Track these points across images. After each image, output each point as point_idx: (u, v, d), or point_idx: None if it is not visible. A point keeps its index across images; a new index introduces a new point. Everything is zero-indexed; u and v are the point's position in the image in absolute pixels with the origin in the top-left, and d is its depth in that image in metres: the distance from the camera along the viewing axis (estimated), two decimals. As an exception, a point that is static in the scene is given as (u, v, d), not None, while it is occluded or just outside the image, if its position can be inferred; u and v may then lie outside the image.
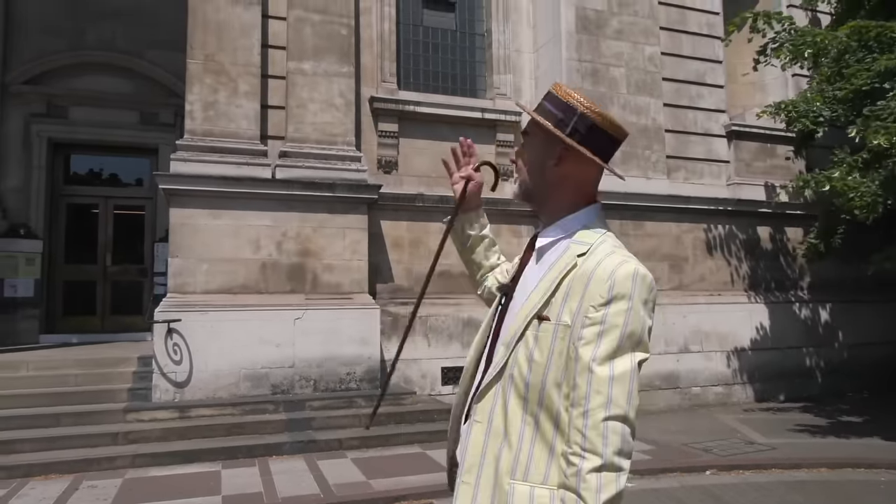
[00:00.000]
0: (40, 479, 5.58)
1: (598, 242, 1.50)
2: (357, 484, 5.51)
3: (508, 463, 1.41)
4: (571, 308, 1.41)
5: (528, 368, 1.43)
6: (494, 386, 1.48)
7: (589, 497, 1.28)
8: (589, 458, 1.30)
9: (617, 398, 1.32)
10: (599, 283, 1.39)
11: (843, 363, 10.37)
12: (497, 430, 1.45)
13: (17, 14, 10.72)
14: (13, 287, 10.25)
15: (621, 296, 1.36)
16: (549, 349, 1.41)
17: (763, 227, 10.26)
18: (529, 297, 1.50)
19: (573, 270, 1.45)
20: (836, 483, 5.82)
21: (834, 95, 7.32)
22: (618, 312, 1.36)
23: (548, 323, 1.43)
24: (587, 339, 1.36)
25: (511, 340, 1.47)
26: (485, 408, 1.48)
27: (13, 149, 10.48)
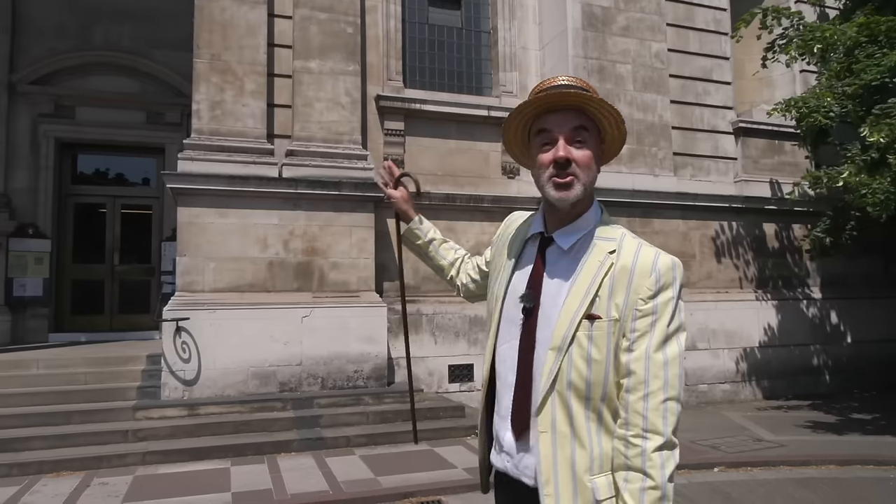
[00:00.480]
0: (52, 477, 5.62)
1: (622, 236, 1.56)
2: (366, 481, 5.52)
3: (585, 462, 1.46)
4: (618, 303, 1.47)
5: (588, 367, 1.47)
6: (552, 394, 1.49)
7: (655, 474, 1.38)
8: (652, 438, 1.40)
9: (671, 380, 1.43)
10: (644, 276, 1.47)
11: (851, 360, 10.33)
12: (564, 435, 1.48)
13: (24, 15, 10.77)
14: (22, 286, 10.32)
15: (666, 286, 1.47)
16: (607, 346, 1.47)
17: (771, 224, 10.23)
18: (569, 300, 1.51)
19: (611, 267, 1.50)
20: (844, 480, 5.80)
21: (843, 91, 7.28)
22: (666, 302, 1.46)
23: (601, 321, 1.47)
24: (641, 330, 1.45)
25: (562, 345, 1.48)
26: (546, 417, 1.49)
27: (21, 149, 10.54)
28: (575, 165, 1.53)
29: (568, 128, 1.54)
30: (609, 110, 1.55)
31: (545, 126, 1.57)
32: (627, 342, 1.45)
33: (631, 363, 1.44)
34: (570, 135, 1.54)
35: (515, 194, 9.28)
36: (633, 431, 1.41)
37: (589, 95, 1.53)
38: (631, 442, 1.41)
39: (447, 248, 2.12)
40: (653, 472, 1.38)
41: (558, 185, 1.54)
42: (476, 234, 9.09)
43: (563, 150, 1.53)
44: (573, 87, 1.56)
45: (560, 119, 1.55)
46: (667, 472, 1.39)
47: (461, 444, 6.71)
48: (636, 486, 1.39)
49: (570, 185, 1.53)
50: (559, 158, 1.52)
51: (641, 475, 1.39)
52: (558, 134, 1.54)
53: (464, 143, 9.31)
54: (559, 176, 1.53)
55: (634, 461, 1.40)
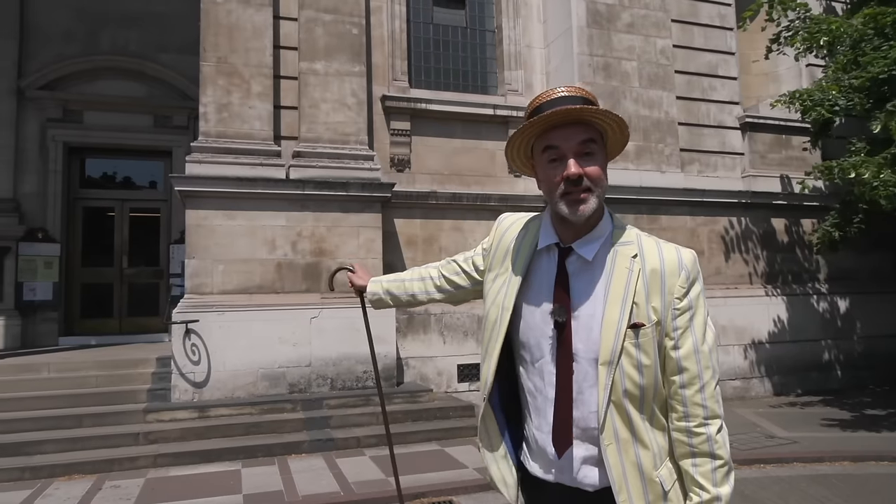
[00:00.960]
0: (64, 480, 5.64)
1: (637, 237, 1.60)
2: (376, 482, 5.52)
3: (650, 460, 1.53)
4: (655, 306, 1.52)
5: (640, 374, 1.51)
6: (609, 406, 1.51)
7: (723, 453, 1.51)
8: (713, 423, 1.51)
9: (715, 365, 1.55)
10: (673, 275, 1.53)
11: (863, 355, 10.27)
12: (626, 441, 1.52)
13: (32, 21, 10.83)
14: (32, 290, 10.37)
15: (695, 279, 1.55)
16: (654, 349, 1.52)
17: (779, 219, 10.17)
18: (608, 311, 1.52)
19: (640, 272, 1.54)
20: (859, 476, 5.76)
21: (850, 84, 7.23)
22: (697, 294, 1.55)
23: (644, 328, 1.51)
24: (683, 327, 1.52)
25: (612, 358, 1.50)
26: (609, 430, 1.52)
27: (30, 154, 10.61)
28: (587, 180, 1.51)
29: (575, 142, 1.51)
30: (614, 119, 1.53)
31: (551, 142, 1.54)
32: (672, 340, 1.52)
33: (682, 360, 1.51)
34: (579, 149, 1.52)
35: (522, 192, 9.26)
36: (695, 422, 1.51)
37: (594, 109, 1.50)
38: (694, 431, 1.51)
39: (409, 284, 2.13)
40: (720, 452, 1.50)
41: (572, 201, 1.51)
42: (483, 232, 9.06)
43: (574, 167, 1.50)
44: (575, 99, 1.54)
45: (566, 134, 1.52)
46: (728, 447, 1.53)
47: (471, 444, 6.70)
48: (707, 468, 1.50)
49: (585, 200, 1.51)
50: (572, 176, 1.50)
51: (710, 458, 1.50)
52: (566, 150, 1.52)
53: (470, 142, 9.30)
54: (573, 193, 1.51)
55: (702, 447, 1.50)
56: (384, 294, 2.17)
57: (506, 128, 9.44)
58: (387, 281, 2.18)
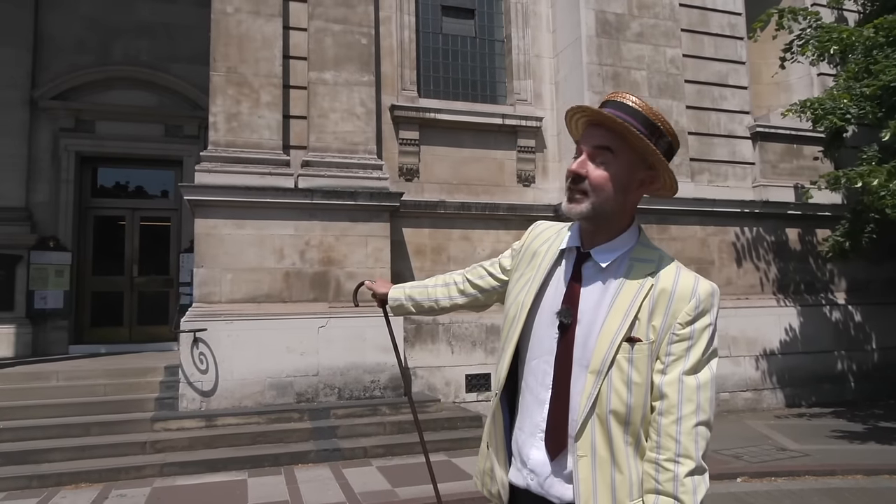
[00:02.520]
0: (70, 489, 5.64)
1: (660, 258, 1.55)
2: (383, 492, 5.49)
3: (626, 488, 1.44)
4: (655, 325, 1.46)
5: (629, 391, 1.45)
6: (591, 418, 1.47)
7: (687, 499, 1.37)
8: (684, 463, 1.39)
9: (704, 405, 1.44)
10: (682, 301, 1.46)
11: (877, 367, 10.14)
12: (603, 459, 1.46)
13: (45, 32, 10.95)
14: (43, 298, 10.43)
15: (705, 311, 1.47)
16: (647, 368, 1.46)
17: (791, 229, 10.09)
18: (608, 320, 1.49)
19: (651, 289, 1.49)
20: (872, 490, 5.67)
21: (861, 92, 7.18)
22: (703, 328, 1.46)
23: (641, 344, 1.46)
24: (677, 355, 1.45)
25: (602, 368, 1.47)
26: (585, 441, 1.47)
27: (42, 163, 10.69)
28: (587, 183, 1.52)
29: (591, 144, 1.54)
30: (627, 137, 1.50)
31: (581, 136, 1.60)
32: (662, 365, 1.46)
33: (664, 386, 1.44)
34: (593, 152, 1.53)
35: (531, 202, 9.25)
36: (664, 455, 1.41)
37: (613, 119, 1.49)
38: (663, 466, 1.40)
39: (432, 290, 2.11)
40: (685, 498, 1.37)
41: (568, 197, 1.56)
42: (492, 242, 9.06)
43: (577, 165, 1.54)
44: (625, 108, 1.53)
45: (589, 133, 1.57)
46: (698, 497, 1.38)
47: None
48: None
49: (578, 201, 1.53)
50: (570, 172, 1.54)
51: (673, 500, 1.38)
52: (584, 148, 1.56)
53: (479, 152, 9.30)
54: (572, 190, 1.55)
55: (666, 486, 1.39)
56: (406, 300, 2.16)
57: (514, 137, 9.43)
58: (409, 287, 2.18)
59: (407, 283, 2.21)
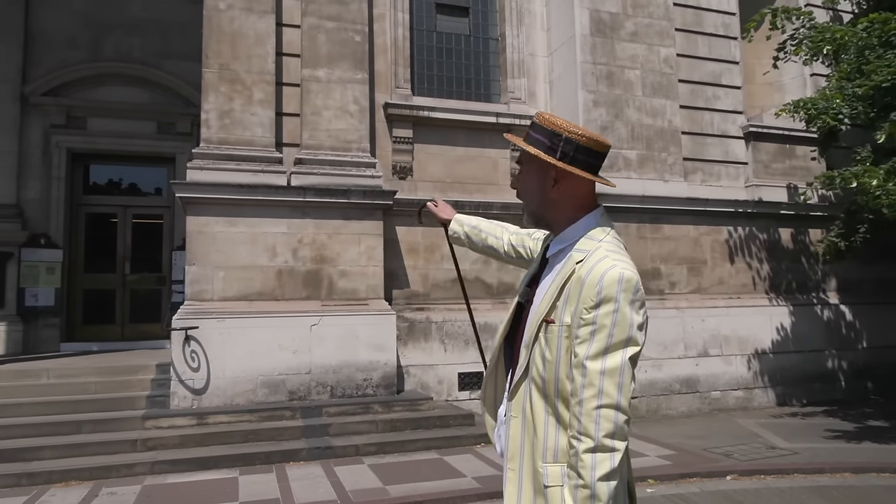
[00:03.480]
0: (60, 486, 5.62)
1: (594, 249, 1.66)
2: (374, 490, 5.48)
3: (539, 449, 1.64)
4: (571, 310, 1.61)
5: (543, 366, 1.64)
6: (522, 384, 1.69)
7: (584, 473, 1.50)
8: (584, 441, 1.51)
9: (608, 389, 1.51)
10: (590, 287, 1.57)
11: (867, 366, 10.19)
12: (528, 421, 1.68)
13: (36, 27, 10.89)
14: (34, 296, 10.38)
15: (608, 299, 1.54)
16: (557, 347, 1.62)
17: (783, 228, 10.13)
18: (540, 303, 1.70)
19: (572, 276, 1.64)
20: (859, 488, 5.70)
21: (854, 93, 7.20)
22: (606, 314, 1.54)
23: (553, 325, 1.63)
24: (582, 338, 1.56)
25: (529, 342, 1.68)
26: (518, 403, 1.71)
27: (33, 160, 10.64)
28: (518, 193, 1.86)
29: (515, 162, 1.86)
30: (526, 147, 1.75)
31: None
32: (573, 348, 1.59)
33: (573, 369, 1.57)
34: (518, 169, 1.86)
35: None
36: (571, 433, 1.56)
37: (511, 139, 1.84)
38: (570, 443, 1.55)
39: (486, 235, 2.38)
40: (582, 472, 1.50)
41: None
42: (485, 241, 9.04)
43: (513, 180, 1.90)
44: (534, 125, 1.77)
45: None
46: (597, 473, 1.48)
47: (471, 453, 6.66)
48: (571, 483, 1.53)
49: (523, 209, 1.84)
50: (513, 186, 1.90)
51: (576, 474, 1.51)
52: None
53: (472, 150, 9.30)
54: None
55: (572, 460, 1.54)
56: (464, 236, 2.43)
57: (508, 136, 9.42)
58: (468, 225, 2.41)
59: (466, 219, 2.44)
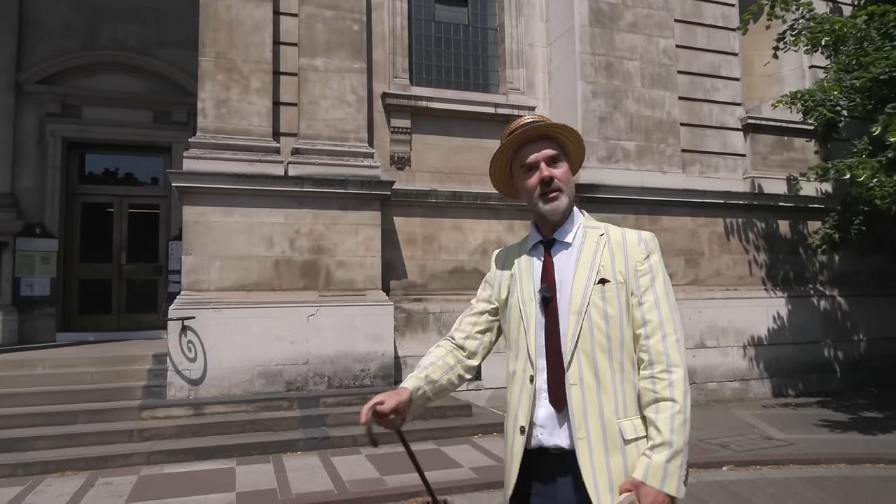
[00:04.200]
0: (56, 477, 5.61)
1: (604, 225, 1.92)
2: (371, 480, 5.49)
3: (611, 406, 1.72)
4: (620, 269, 1.81)
5: (606, 323, 1.75)
6: (576, 352, 1.75)
7: (681, 399, 1.68)
8: (675, 371, 1.70)
9: (677, 322, 1.78)
10: (634, 245, 1.84)
11: (863, 357, 10.23)
12: (590, 385, 1.72)
13: (31, 15, 10.80)
14: (30, 286, 10.34)
15: (653, 250, 1.85)
16: (618, 303, 1.78)
17: (780, 220, 10.13)
18: (578, 272, 1.82)
19: (605, 244, 1.85)
20: (855, 479, 5.72)
21: (852, 85, 7.18)
22: (657, 262, 1.84)
23: (610, 283, 1.79)
24: (645, 286, 1.80)
25: (581, 307, 1.76)
26: (574, 372, 1.74)
27: (28, 148, 10.57)
28: (557, 181, 1.86)
29: (544, 153, 1.87)
30: (570, 132, 1.89)
31: (525, 157, 1.90)
32: (636, 297, 1.78)
33: (645, 313, 1.76)
34: (547, 158, 1.87)
35: (522, 192, 9.21)
36: (659, 368, 1.71)
37: (554, 123, 1.89)
38: (658, 377, 1.70)
39: (435, 370, 1.99)
40: (679, 398, 1.68)
41: (548, 199, 1.86)
42: (483, 231, 9.05)
43: (546, 171, 1.86)
44: (538, 122, 1.89)
45: (536, 147, 1.88)
46: (688, 399, 1.69)
47: (468, 443, 6.67)
48: (667, 414, 1.66)
49: (557, 198, 1.86)
50: (545, 178, 1.85)
51: (671, 402, 1.67)
52: (537, 159, 1.88)
53: (470, 141, 9.26)
54: (547, 193, 1.86)
55: (664, 392, 1.68)
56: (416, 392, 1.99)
57: (507, 126, 9.37)
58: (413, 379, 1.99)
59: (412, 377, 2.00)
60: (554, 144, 1.89)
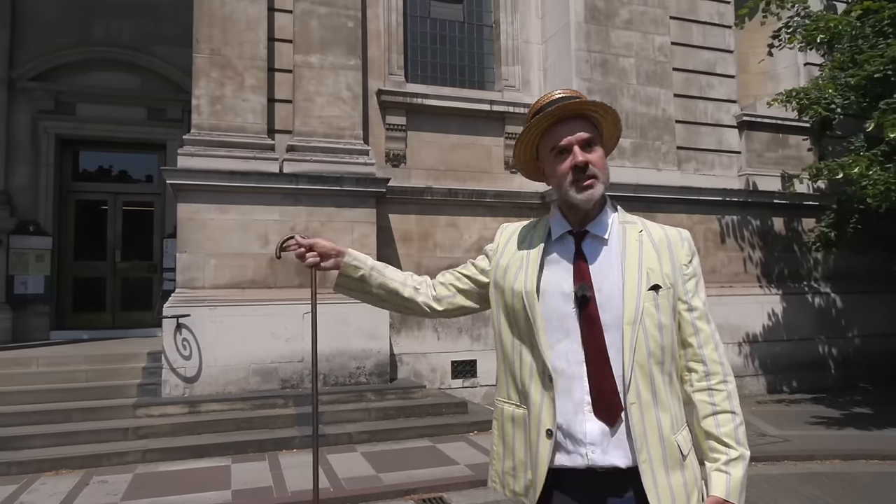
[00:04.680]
0: (51, 475, 5.59)
1: (639, 219, 1.77)
2: (367, 478, 5.48)
3: (669, 424, 1.59)
4: (667, 272, 1.65)
5: (661, 333, 1.60)
6: (633, 366, 1.57)
7: (738, 410, 1.63)
8: (730, 381, 1.65)
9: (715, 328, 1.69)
10: (679, 245, 1.71)
11: (857, 354, 10.26)
12: (647, 402, 1.57)
13: (24, 10, 10.73)
14: (24, 284, 10.30)
15: (694, 251, 1.73)
16: (671, 310, 1.64)
17: (775, 217, 10.15)
18: (627, 277, 1.62)
19: (649, 242, 1.69)
20: (849, 475, 5.74)
21: (846, 82, 7.20)
22: (698, 263, 1.74)
23: (663, 289, 1.63)
24: (692, 290, 1.68)
25: (636, 317, 1.58)
26: (633, 389, 1.57)
27: (21, 146, 10.52)
28: (592, 167, 1.65)
29: (578, 136, 1.65)
30: (608, 111, 1.68)
31: (556, 138, 1.67)
32: (685, 304, 1.66)
33: (696, 321, 1.66)
34: (582, 141, 1.65)
35: (518, 189, 9.22)
36: (716, 379, 1.63)
37: (592, 101, 1.66)
38: (716, 389, 1.62)
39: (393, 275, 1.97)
40: (738, 410, 1.63)
41: (582, 187, 1.64)
42: (479, 229, 9.04)
43: (580, 155, 1.64)
44: (572, 98, 1.67)
45: (569, 128, 1.66)
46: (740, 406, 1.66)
47: (464, 441, 6.67)
48: (730, 427, 1.60)
49: (592, 185, 1.65)
50: (579, 163, 1.63)
51: (731, 414, 1.61)
52: (571, 142, 1.65)
53: (466, 138, 9.25)
54: (581, 180, 1.64)
55: (723, 405, 1.61)
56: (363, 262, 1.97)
57: (502, 124, 9.39)
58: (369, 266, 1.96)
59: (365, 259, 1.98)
60: (588, 125, 1.67)
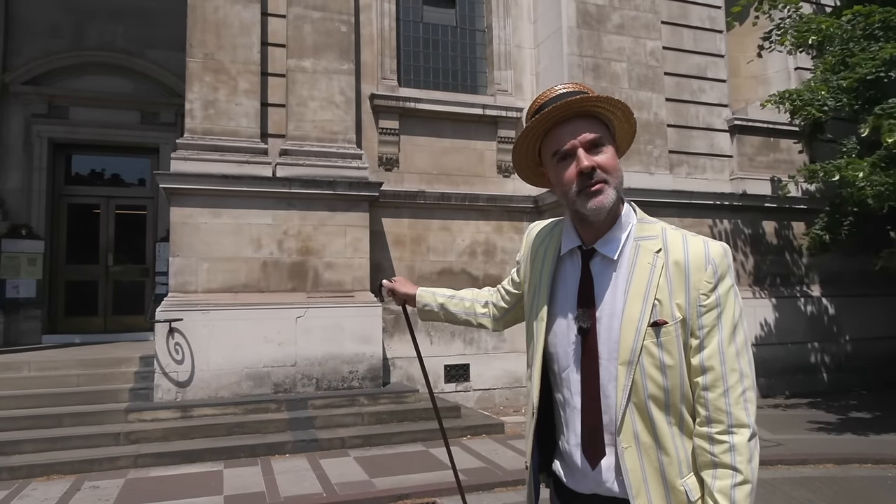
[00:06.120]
0: (42, 480, 5.56)
1: (663, 231, 1.53)
2: (360, 483, 5.47)
3: (675, 468, 1.44)
4: (679, 303, 1.43)
5: (663, 375, 1.43)
6: (628, 407, 1.45)
7: (744, 468, 1.38)
8: (739, 432, 1.39)
9: (745, 369, 1.42)
10: (699, 270, 1.44)
11: (849, 358, 10.30)
12: (648, 446, 1.44)
13: (17, 14, 10.70)
14: (15, 287, 10.24)
15: (724, 274, 1.44)
16: (678, 349, 1.43)
17: (767, 221, 10.19)
18: (628, 308, 1.46)
19: (664, 267, 1.46)
20: (842, 479, 5.76)
21: (838, 85, 7.23)
22: (726, 291, 1.44)
23: (667, 326, 1.43)
24: (709, 326, 1.42)
25: (632, 357, 1.43)
26: (627, 432, 1.45)
27: (14, 150, 10.47)
28: (601, 171, 1.46)
29: (582, 136, 1.47)
30: (617, 106, 1.50)
31: (558, 142, 1.50)
32: (697, 340, 1.43)
33: (705, 361, 1.42)
34: (587, 142, 1.47)
35: (511, 193, 9.24)
36: (717, 428, 1.40)
37: (595, 97, 1.47)
38: (717, 439, 1.40)
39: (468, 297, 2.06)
40: (742, 467, 1.38)
41: (590, 194, 1.46)
42: (472, 232, 9.05)
43: (585, 159, 1.46)
44: (575, 94, 1.49)
45: (572, 129, 1.48)
46: (754, 464, 1.39)
47: (457, 445, 6.66)
48: (727, 483, 1.38)
49: (602, 191, 1.46)
50: (585, 169, 1.45)
51: (731, 471, 1.38)
52: (575, 144, 1.48)
53: (459, 142, 9.27)
54: (588, 187, 1.46)
55: (723, 458, 1.39)
56: (437, 307, 2.06)
57: (495, 128, 9.41)
58: (441, 295, 2.07)
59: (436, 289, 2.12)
60: (595, 123, 1.49)
